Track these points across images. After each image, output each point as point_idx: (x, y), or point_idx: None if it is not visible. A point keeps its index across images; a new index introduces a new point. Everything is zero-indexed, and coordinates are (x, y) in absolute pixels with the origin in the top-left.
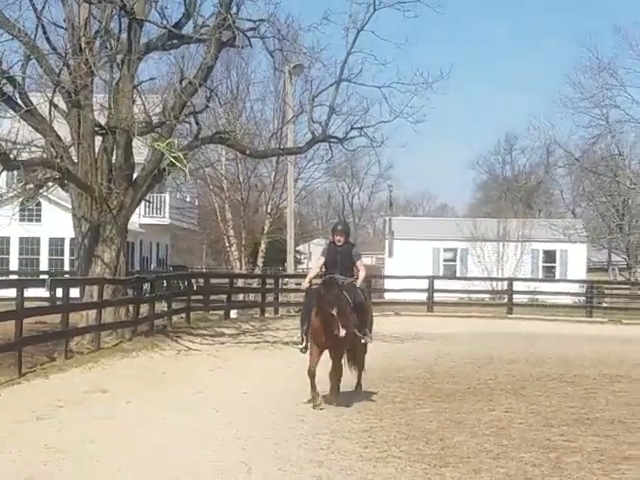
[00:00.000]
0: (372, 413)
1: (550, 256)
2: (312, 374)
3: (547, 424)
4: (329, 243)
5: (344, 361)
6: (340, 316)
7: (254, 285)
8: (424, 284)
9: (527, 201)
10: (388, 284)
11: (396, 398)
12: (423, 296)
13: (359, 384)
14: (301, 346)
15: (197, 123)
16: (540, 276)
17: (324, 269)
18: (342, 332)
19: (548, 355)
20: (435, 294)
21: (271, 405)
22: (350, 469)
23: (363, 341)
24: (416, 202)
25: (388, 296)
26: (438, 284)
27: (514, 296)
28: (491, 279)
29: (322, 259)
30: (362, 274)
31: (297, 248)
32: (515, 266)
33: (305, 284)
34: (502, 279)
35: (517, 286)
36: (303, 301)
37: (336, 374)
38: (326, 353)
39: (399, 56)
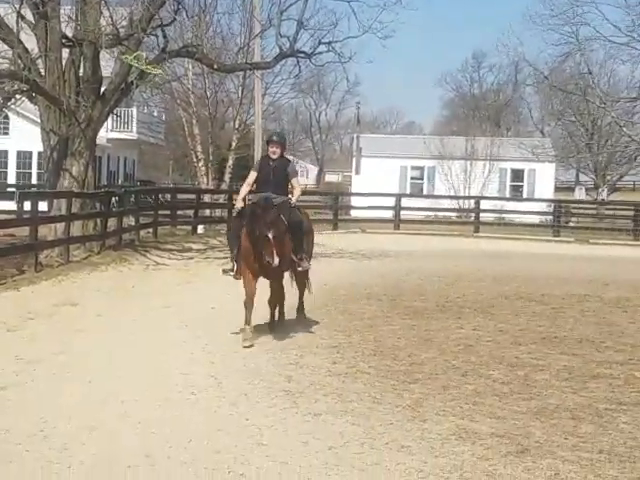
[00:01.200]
0: (340, 329)
1: (518, 175)
2: (250, 304)
3: (515, 342)
4: (262, 157)
5: (293, 282)
6: (276, 240)
7: (221, 201)
8: (391, 202)
9: (495, 120)
10: (355, 201)
11: (364, 315)
12: (390, 214)
13: (300, 308)
14: (232, 273)
15: (164, 36)
16: (507, 195)
17: (255, 187)
18: (276, 260)
19: (515, 274)
20: (402, 212)
21: (239, 320)
22: (319, 384)
23: (300, 268)
24: (383, 119)
25: (355, 213)
26: (405, 202)
27: (481, 215)
28: (458, 197)
29: (253, 174)
30: (297, 192)
31: None
32: (482, 185)
33: (239, 204)
34: (469, 197)
35: (484, 205)
36: (230, 222)
37: (275, 299)
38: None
39: None
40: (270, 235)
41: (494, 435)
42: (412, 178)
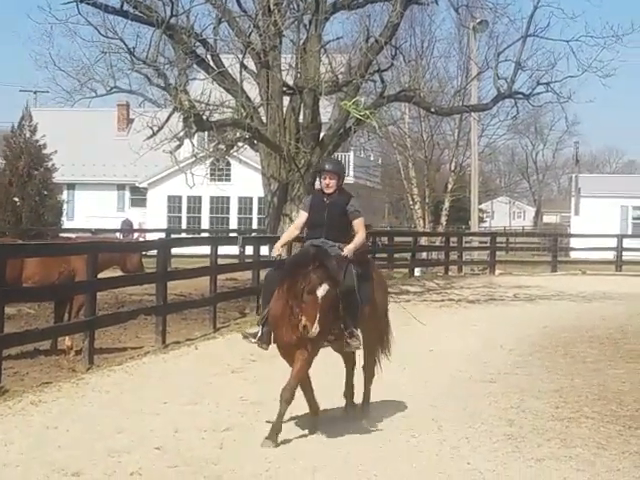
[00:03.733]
0: (562, 373)
1: None
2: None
3: None
4: (314, 193)
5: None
6: (324, 302)
7: (437, 243)
8: (612, 243)
9: None
10: (574, 243)
11: (587, 358)
12: (611, 255)
13: (364, 401)
14: (254, 340)
15: (382, 81)
16: None
17: (306, 230)
18: (314, 329)
19: None
20: (624, 253)
21: (459, 362)
22: (542, 428)
23: (347, 348)
24: (602, 158)
25: (574, 255)
26: (627, 243)
27: None
28: None
29: (303, 216)
30: (359, 238)
31: (480, 206)
32: None
33: (275, 252)
34: None
35: None
36: (265, 277)
37: (303, 389)
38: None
39: (588, 9)
40: (320, 293)
41: None
42: (634, 218)
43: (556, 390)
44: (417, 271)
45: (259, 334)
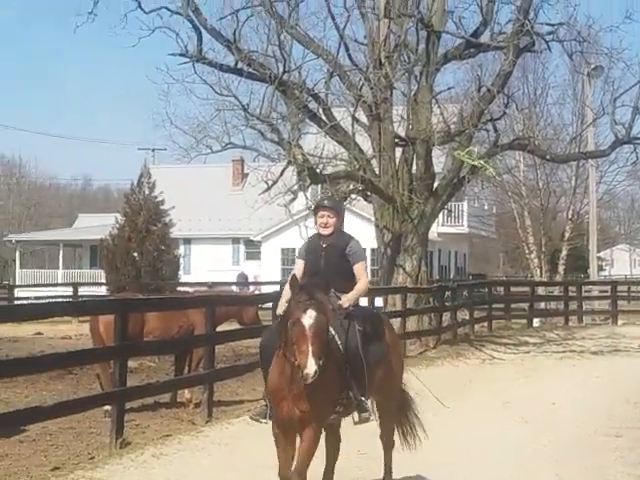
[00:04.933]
0: None
1: None
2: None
3: None
4: (310, 237)
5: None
6: (316, 337)
7: (556, 293)
8: None
9: None
10: None
11: None
12: None
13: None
14: (264, 420)
15: (495, 130)
16: None
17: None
18: (310, 366)
19: None
20: None
21: (582, 416)
22: None
23: (357, 420)
24: None
25: None
26: None
27: None
28: None
29: (299, 264)
30: (361, 285)
31: (599, 254)
32: None
33: (280, 309)
34: None
35: None
36: (260, 341)
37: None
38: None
39: None
40: (306, 321)
41: None
42: None
43: None
44: (536, 321)
45: (267, 412)
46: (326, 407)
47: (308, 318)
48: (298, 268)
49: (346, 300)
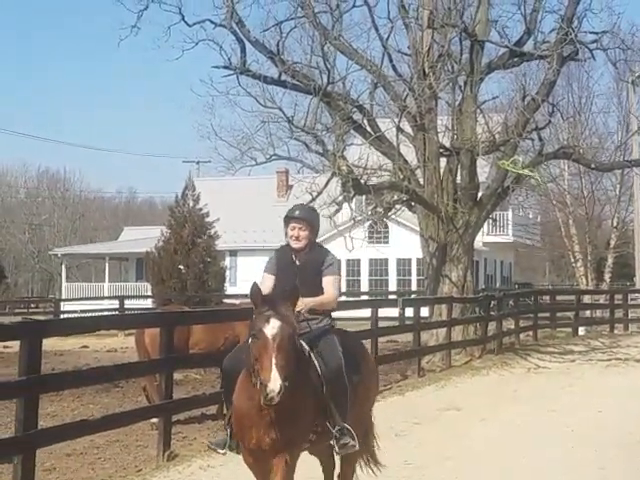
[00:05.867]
0: None
1: None
2: None
3: None
4: (279, 249)
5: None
6: (280, 351)
7: (601, 301)
8: None
9: None
10: None
11: None
12: None
13: None
14: (222, 451)
15: (540, 139)
16: None
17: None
18: (274, 381)
19: None
20: None
21: (629, 425)
22: None
23: (338, 449)
24: None
25: None
26: None
27: None
28: None
29: (268, 280)
30: (326, 296)
31: None
32: None
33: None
34: None
35: None
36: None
37: None
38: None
39: None
40: (269, 331)
41: None
42: None
43: None
44: (581, 330)
45: (227, 442)
46: (300, 435)
47: (271, 329)
48: (266, 285)
49: (302, 303)
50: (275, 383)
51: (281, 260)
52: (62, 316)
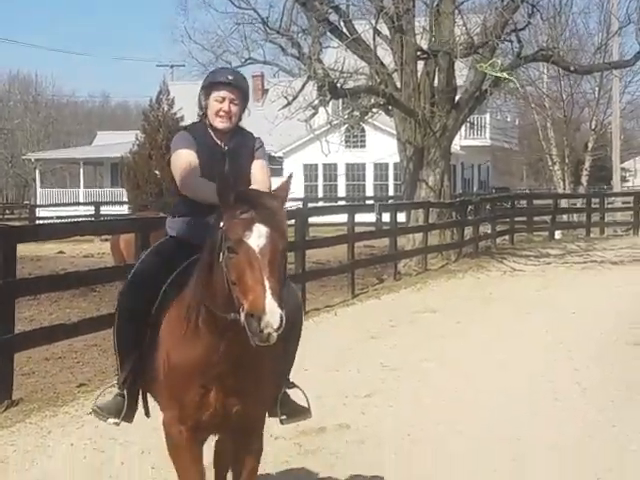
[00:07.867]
0: None
1: None
2: None
3: None
4: (191, 125)
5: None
6: (272, 269)
7: (578, 205)
8: None
9: None
10: None
11: None
12: None
13: None
14: (113, 420)
15: (519, 41)
16: None
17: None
18: (273, 312)
19: None
20: None
21: (601, 326)
22: None
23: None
24: None
25: None
26: None
27: None
28: None
29: (191, 155)
30: (264, 188)
31: (622, 165)
32: None
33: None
34: None
35: None
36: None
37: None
38: None
39: None
40: (254, 244)
41: None
42: None
43: None
44: (558, 234)
45: (124, 410)
46: (268, 399)
47: (257, 237)
48: (190, 162)
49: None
50: (274, 315)
51: (201, 142)
52: (37, 222)
